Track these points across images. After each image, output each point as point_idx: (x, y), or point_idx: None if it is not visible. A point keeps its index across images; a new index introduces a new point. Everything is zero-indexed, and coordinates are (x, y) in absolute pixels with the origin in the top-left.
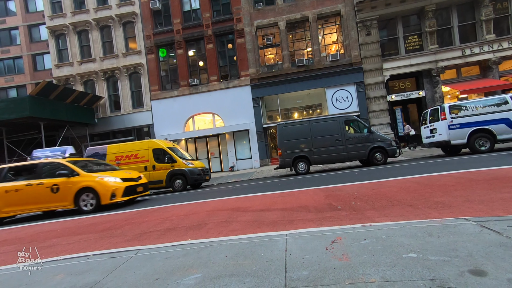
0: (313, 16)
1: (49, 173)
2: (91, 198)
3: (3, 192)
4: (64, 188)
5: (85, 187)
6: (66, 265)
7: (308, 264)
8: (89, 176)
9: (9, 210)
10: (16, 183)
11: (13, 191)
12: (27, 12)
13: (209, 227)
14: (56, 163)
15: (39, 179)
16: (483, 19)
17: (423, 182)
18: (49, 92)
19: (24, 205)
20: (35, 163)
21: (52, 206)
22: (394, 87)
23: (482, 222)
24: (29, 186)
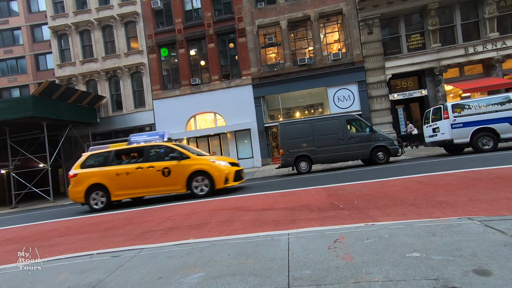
0: (314, 15)
1: (157, 156)
2: (203, 182)
3: (114, 175)
4: (175, 171)
5: (198, 170)
6: (69, 264)
7: (311, 263)
8: (201, 159)
9: (121, 194)
10: (126, 166)
11: (124, 174)
12: (29, 12)
13: (211, 226)
14: (164, 146)
15: (147, 162)
16: (486, 17)
17: (426, 181)
18: (51, 92)
19: (134, 189)
20: (141, 146)
21: (163, 190)
22: (396, 86)
23: (486, 221)
24: (140, 170)
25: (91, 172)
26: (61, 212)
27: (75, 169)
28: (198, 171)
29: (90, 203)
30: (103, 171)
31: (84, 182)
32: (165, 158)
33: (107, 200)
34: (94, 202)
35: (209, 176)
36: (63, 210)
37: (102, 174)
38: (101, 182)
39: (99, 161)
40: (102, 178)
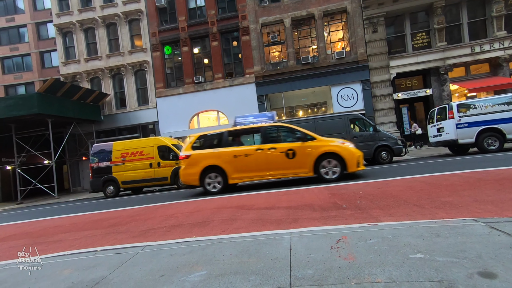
0: (318, 13)
1: (276, 138)
2: (333, 165)
3: (231, 157)
4: (301, 153)
5: (328, 152)
6: (73, 260)
7: (313, 263)
8: (329, 141)
9: (238, 177)
10: (244, 147)
11: (242, 156)
12: (35, 10)
13: (214, 225)
14: (284, 127)
15: (267, 143)
16: (494, 15)
17: (430, 181)
18: (56, 89)
19: (254, 172)
20: (258, 127)
21: (286, 173)
22: (400, 85)
23: (492, 223)
24: (260, 151)
25: (206, 153)
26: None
27: (186, 150)
28: (327, 153)
29: (206, 185)
30: (219, 152)
31: (198, 163)
32: (288, 139)
33: (223, 183)
34: (209, 185)
35: (341, 158)
36: (70, 206)
37: (217, 155)
38: (217, 164)
39: (212, 142)
40: (218, 160)
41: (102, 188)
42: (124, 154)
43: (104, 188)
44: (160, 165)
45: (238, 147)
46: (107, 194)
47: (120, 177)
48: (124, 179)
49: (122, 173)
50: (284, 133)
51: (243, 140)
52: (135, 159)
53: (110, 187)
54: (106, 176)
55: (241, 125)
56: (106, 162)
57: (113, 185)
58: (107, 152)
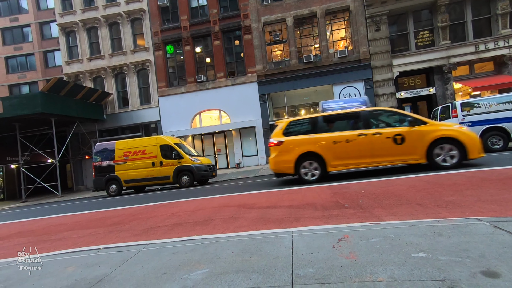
0: (321, 11)
1: (379, 123)
2: (449, 151)
3: (330, 143)
4: (411, 138)
5: (443, 137)
6: (76, 258)
7: (315, 262)
8: (443, 125)
9: (339, 164)
10: (345, 133)
11: (343, 142)
12: (38, 9)
13: (216, 223)
14: (387, 111)
15: (369, 128)
16: (499, 13)
17: (433, 180)
18: (59, 89)
19: (355, 159)
20: (358, 111)
21: (394, 160)
22: (403, 84)
23: (495, 222)
24: (363, 137)
25: (302, 139)
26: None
27: (276, 137)
28: (443, 138)
29: (301, 174)
30: (316, 138)
31: (293, 150)
32: (394, 124)
33: (321, 171)
34: (305, 173)
35: (460, 144)
36: (74, 204)
37: (315, 141)
38: (314, 151)
39: (305, 128)
40: (315, 146)
41: (105, 187)
42: (127, 153)
43: (107, 187)
44: (163, 164)
45: (338, 133)
46: (109, 193)
47: (122, 176)
48: (126, 178)
49: (124, 172)
50: (390, 118)
51: (340, 125)
52: (138, 158)
53: (113, 185)
54: (108, 175)
55: (330, 110)
56: (109, 161)
57: (115, 184)
58: (110, 151)
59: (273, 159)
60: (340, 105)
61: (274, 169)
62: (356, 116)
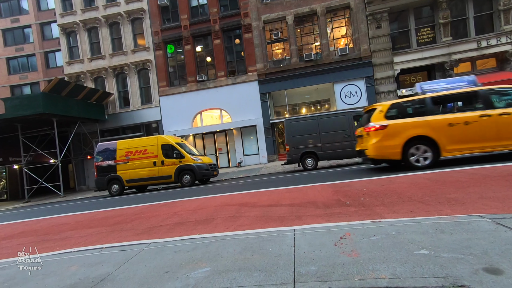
0: (321, 9)
1: (504, 102)
2: None
3: (445, 125)
4: None
5: None
6: (79, 257)
7: (317, 260)
8: None
9: (455, 148)
10: (461, 114)
11: (461, 124)
12: (39, 10)
13: (217, 222)
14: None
15: (490, 109)
16: (501, 8)
17: (435, 178)
18: (61, 89)
19: (476, 142)
20: (474, 91)
21: None
22: (405, 81)
23: (498, 219)
24: (486, 118)
25: (410, 122)
26: (73, 206)
27: (378, 120)
28: None
29: (410, 160)
30: (427, 121)
31: (400, 134)
32: None
33: (433, 156)
34: (414, 159)
35: None
36: (76, 204)
37: (425, 124)
38: (425, 134)
39: (412, 110)
40: (426, 130)
41: (107, 187)
42: (128, 153)
43: (109, 187)
44: (164, 164)
45: (454, 114)
46: (111, 193)
47: (124, 175)
48: (128, 177)
49: (126, 172)
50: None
51: (452, 106)
52: (139, 158)
53: (115, 185)
54: (110, 174)
55: (431, 92)
56: (111, 160)
57: (117, 183)
58: (112, 151)
59: (374, 145)
60: (443, 85)
61: (375, 155)
62: (472, 96)
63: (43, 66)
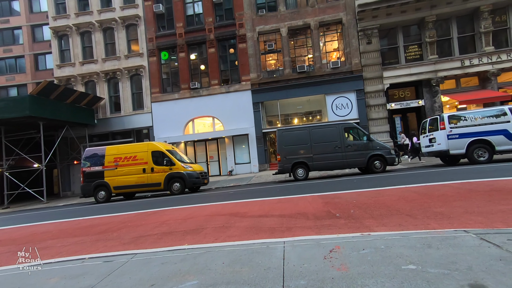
0: (314, 23)
1: None
2: None
3: None
4: None
5: None
6: (60, 268)
7: (306, 273)
8: None
9: None
10: None
11: None
12: (31, 12)
13: (207, 232)
14: None
15: None
16: (482, 31)
17: (422, 191)
18: (50, 92)
19: None
20: None
21: None
22: (394, 96)
23: (482, 234)
24: None
25: None
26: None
27: None
28: None
29: None
30: None
31: None
32: None
33: None
34: None
35: None
36: (60, 211)
37: None
38: None
39: None
40: None
41: (93, 193)
42: (117, 159)
43: (95, 193)
44: (154, 171)
45: None
46: (98, 199)
47: (112, 182)
48: (116, 184)
49: (114, 178)
50: None
51: None
52: (128, 164)
53: (102, 192)
54: (97, 181)
55: None
56: (99, 166)
57: (104, 190)
58: (100, 157)
59: None
60: None
61: None
62: None
63: (32, 68)
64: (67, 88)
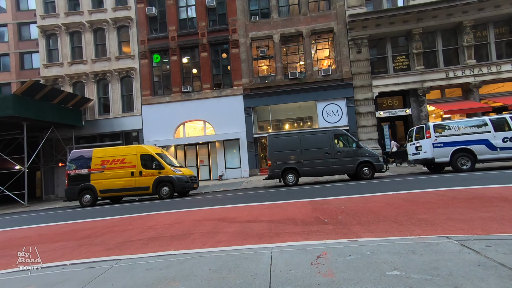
0: (306, 31)
1: None
2: None
3: None
4: None
5: None
6: (38, 276)
7: (293, 280)
8: None
9: None
10: None
11: None
12: (18, 10)
13: (194, 238)
14: None
15: None
16: (465, 45)
17: (408, 198)
18: (35, 92)
19: None
20: None
21: None
22: (382, 104)
23: (463, 241)
24: None
25: None
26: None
27: None
28: None
29: None
30: None
31: None
32: None
33: None
34: None
35: None
36: (41, 215)
37: None
38: None
39: None
40: None
41: (78, 197)
42: (105, 162)
43: (80, 197)
44: (142, 174)
45: None
46: (83, 203)
47: (98, 185)
48: (102, 187)
49: (101, 181)
50: None
51: None
52: (116, 167)
53: (87, 195)
54: (83, 184)
55: None
56: (85, 169)
57: (90, 193)
58: (86, 159)
59: None
60: None
61: None
62: None
63: (17, 67)
64: (54, 88)
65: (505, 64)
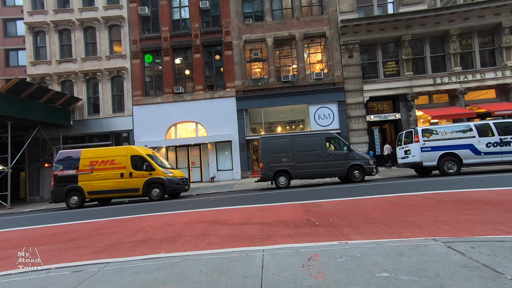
0: (299, 35)
1: None
2: None
3: None
4: None
5: None
6: (21, 280)
7: (284, 282)
8: None
9: None
10: None
11: None
12: (4, 5)
13: (185, 240)
14: None
15: None
16: (451, 52)
17: (397, 201)
18: (21, 90)
19: None
20: None
21: None
22: (373, 108)
23: (449, 242)
24: None
25: None
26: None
27: None
28: None
29: None
30: None
31: None
32: None
33: None
34: None
35: None
36: (25, 217)
37: None
38: None
39: None
40: None
41: (65, 198)
42: (93, 163)
43: (67, 198)
44: (132, 176)
45: None
46: (70, 205)
47: (86, 186)
48: (91, 189)
49: (89, 183)
50: None
51: None
52: (105, 168)
53: (74, 197)
54: (70, 185)
55: None
56: (72, 170)
57: (77, 195)
58: (74, 160)
59: None
60: None
61: None
62: None
63: (2, 64)
64: (40, 86)
65: (489, 72)
